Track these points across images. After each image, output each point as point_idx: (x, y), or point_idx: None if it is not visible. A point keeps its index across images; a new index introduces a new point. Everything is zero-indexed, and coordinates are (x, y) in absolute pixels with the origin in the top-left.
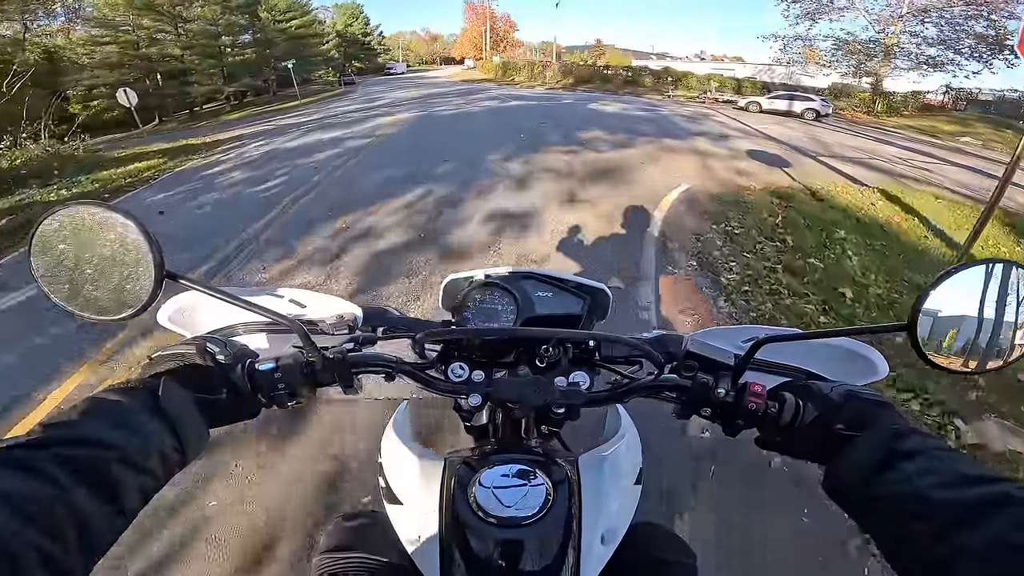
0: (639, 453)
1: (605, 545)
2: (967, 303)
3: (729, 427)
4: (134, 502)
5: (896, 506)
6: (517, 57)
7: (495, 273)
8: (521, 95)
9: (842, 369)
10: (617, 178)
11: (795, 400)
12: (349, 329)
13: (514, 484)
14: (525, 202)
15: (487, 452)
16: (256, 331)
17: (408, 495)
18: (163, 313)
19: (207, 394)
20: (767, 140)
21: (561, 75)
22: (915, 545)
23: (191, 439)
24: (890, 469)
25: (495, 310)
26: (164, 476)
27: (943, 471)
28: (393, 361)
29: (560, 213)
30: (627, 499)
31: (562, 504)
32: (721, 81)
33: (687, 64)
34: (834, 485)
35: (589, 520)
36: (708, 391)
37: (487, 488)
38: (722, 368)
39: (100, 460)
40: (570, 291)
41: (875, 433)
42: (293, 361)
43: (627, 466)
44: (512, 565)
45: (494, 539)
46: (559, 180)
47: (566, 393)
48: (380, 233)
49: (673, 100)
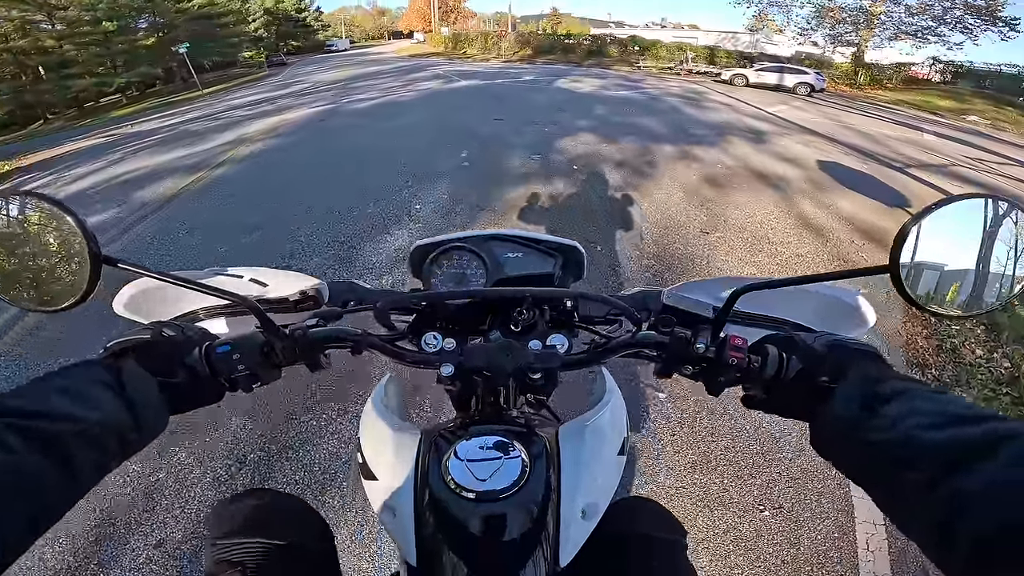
0: (624, 421)
1: (586, 519)
2: (953, 241)
3: (712, 385)
4: (88, 476)
5: (884, 454)
6: (470, 28)
7: (462, 236)
8: (473, 71)
9: (830, 320)
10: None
11: (778, 353)
12: (314, 304)
13: (490, 457)
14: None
15: (466, 424)
16: (218, 315)
17: (383, 470)
18: (118, 301)
19: (167, 378)
20: (803, 133)
21: (518, 46)
22: (911, 494)
23: (149, 421)
24: (872, 416)
25: (463, 274)
26: (120, 455)
27: (928, 412)
28: (359, 334)
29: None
30: (610, 470)
31: (539, 477)
32: (694, 50)
33: (649, 32)
34: (821, 442)
35: (568, 493)
36: (687, 346)
37: (461, 461)
38: (701, 322)
39: (57, 432)
40: (541, 250)
41: (853, 380)
42: (253, 341)
43: (610, 435)
44: (488, 540)
45: (468, 513)
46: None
47: (540, 356)
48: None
49: (645, 72)
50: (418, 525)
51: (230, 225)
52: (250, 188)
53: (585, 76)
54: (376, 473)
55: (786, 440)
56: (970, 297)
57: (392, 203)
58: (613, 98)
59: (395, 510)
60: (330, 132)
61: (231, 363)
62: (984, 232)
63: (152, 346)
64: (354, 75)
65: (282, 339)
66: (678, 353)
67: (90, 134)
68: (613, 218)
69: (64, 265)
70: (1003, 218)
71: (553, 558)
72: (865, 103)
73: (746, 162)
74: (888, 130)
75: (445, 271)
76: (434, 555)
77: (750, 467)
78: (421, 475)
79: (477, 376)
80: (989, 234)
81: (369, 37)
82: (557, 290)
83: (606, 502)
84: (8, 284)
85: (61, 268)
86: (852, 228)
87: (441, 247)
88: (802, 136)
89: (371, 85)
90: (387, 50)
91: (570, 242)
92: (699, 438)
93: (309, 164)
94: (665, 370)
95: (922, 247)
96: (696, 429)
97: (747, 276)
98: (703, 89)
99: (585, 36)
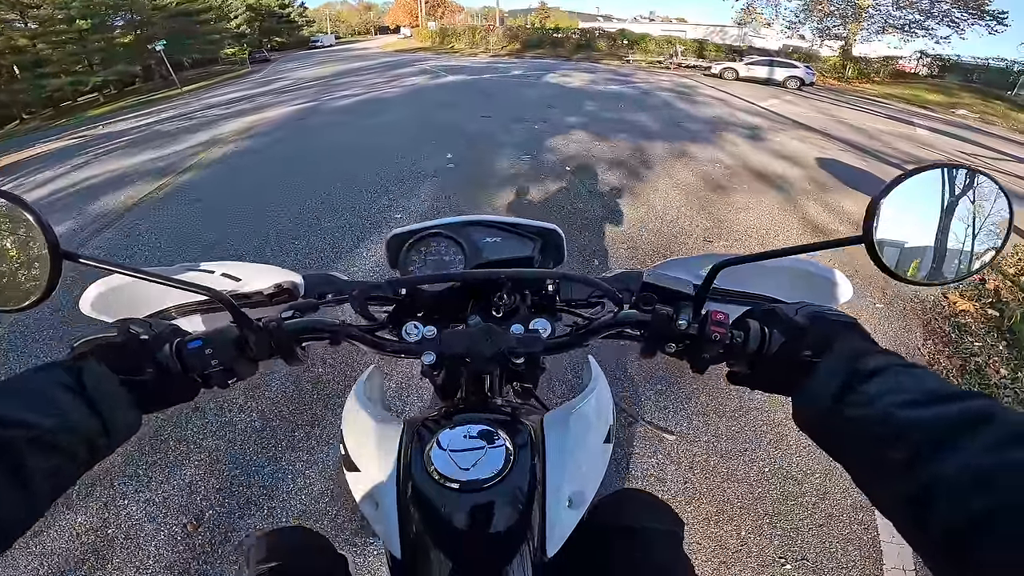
0: (610, 408)
1: (573, 508)
2: (924, 210)
3: (696, 362)
4: (45, 486)
5: (863, 431)
6: (457, 23)
7: (440, 223)
8: (460, 66)
9: (808, 294)
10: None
11: (760, 327)
12: (290, 297)
13: (473, 446)
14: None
15: (450, 413)
16: (190, 312)
17: (365, 461)
18: (85, 301)
19: (135, 375)
20: (798, 128)
21: (506, 40)
22: (888, 473)
23: (118, 423)
24: (852, 392)
25: (442, 261)
26: (86, 460)
27: (910, 389)
28: (336, 326)
29: None
30: (596, 458)
31: (524, 465)
32: (683, 43)
33: (638, 26)
34: (801, 416)
35: (554, 482)
36: (669, 323)
37: (444, 450)
38: (682, 299)
39: (8, 439)
40: (519, 234)
41: (835, 355)
42: (225, 336)
43: (595, 423)
44: (473, 531)
45: (452, 503)
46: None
47: (522, 340)
48: None
49: (634, 65)
50: (401, 517)
51: (187, 237)
52: (216, 196)
53: (574, 70)
54: (358, 464)
55: (809, 483)
56: (943, 264)
57: (370, 210)
58: (604, 93)
59: (378, 502)
60: (308, 132)
61: (204, 359)
62: (951, 200)
63: (119, 345)
64: (338, 71)
65: (256, 332)
66: (660, 331)
67: (63, 135)
68: (612, 225)
69: (21, 263)
70: (971, 188)
71: (540, 548)
72: (854, 97)
73: (745, 161)
74: (881, 124)
75: (423, 258)
76: (418, 546)
77: (770, 515)
78: (404, 466)
79: (459, 364)
80: (956, 202)
81: (355, 32)
82: (538, 271)
83: (593, 490)
84: None
85: (17, 266)
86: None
87: (418, 234)
88: (797, 132)
89: (355, 81)
90: (373, 45)
91: (549, 225)
92: (714, 485)
93: (282, 168)
94: (649, 349)
95: (893, 217)
96: (711, 473)
97: (727, 253)
98: (693, 83)
99: (573, 30)
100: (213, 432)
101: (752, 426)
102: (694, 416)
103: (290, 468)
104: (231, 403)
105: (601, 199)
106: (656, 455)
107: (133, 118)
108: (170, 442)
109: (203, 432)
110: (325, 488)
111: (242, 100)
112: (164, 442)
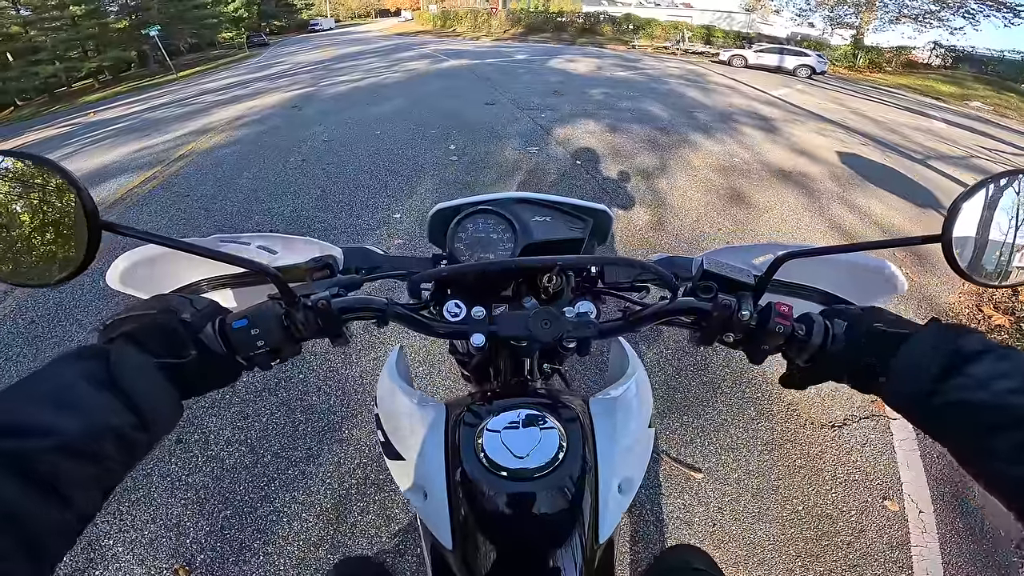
0: (650, 393)
1: (623, 494)
2: (1000, 215)
3: (753, 354)
4: (82, 497)
5: (971, 415)
6: (459, 6)
7: (487, 199)
8: (462, 50)
9: (858, 286)
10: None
11: (823, 321)
12: (330, 272)
13: (525, 432)
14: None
15: (490, 396)
16: (224, 286)
17: (409, 448)
18: (112, 274)
19: (174, 359)
20: (814, 120)
21: (509, 24)
22: (1000, 458)
23: (157, 412)
24: (956, 374)
25: (490, 239)
26: (124, 460)
27: (1014, 375)
28: (384, 305)
29: None
30: (642, 443)
31: (576, 451)
32: (690, 29)
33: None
34: (896, 398)
35: (606, 467)
36: (731, 313)
37: (495, 435)
38: (742, 288)
39: (32, 450)
40: (570, 214)
41: (928, 334)
42: (271, 314)
43: (638, 408)
44: (526, 518)
45: (506, 491)
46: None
47: (578, 325)
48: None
49: (641, 51)
50: (452, 506)
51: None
52: (203, 192)
53: (580, 55)
54: (402, 452)
55: (844, 521)
56: (1018, 268)
57: (367, 208)
58: (611, 80)
59: (426, 491)
60: (303, 122)
61: (250, 339)
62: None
63: (157, 325)
64: (337, 55)
65: (304, 310)
66: (721, 320)
67: (53, 123)
68: (628, 226)
69: (55, 233)
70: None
71: (593, 534)
72: (867, 87)
73: (763, 156)
74: (896, 115)
75: (471, 235)
76: (470, 537)
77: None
78: (452, 452)
79: (504, 346)
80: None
81: (355, 16)
82: (599, 257)
83: (640, 476)
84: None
85: (52, 236)
86: (877, 233)
87: (466, 210)
88: (815, 124)
89: (354, 66)
90: (372, 28)
91: (600, 206)
92: (746, 527)
93: (273, 161)
94: (706, 338)
95: (971, 221)
96: (741, 514)
97: (785, 243)
98: (703, 70)
99: (578, 14)
100: (199, 468)
101: (785, 460)
102: (723, 451)
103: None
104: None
105: (614, 197)
106: (683, 494)
107: (124, 105)
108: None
109: (188, 468)
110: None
111: (237, 86)
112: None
